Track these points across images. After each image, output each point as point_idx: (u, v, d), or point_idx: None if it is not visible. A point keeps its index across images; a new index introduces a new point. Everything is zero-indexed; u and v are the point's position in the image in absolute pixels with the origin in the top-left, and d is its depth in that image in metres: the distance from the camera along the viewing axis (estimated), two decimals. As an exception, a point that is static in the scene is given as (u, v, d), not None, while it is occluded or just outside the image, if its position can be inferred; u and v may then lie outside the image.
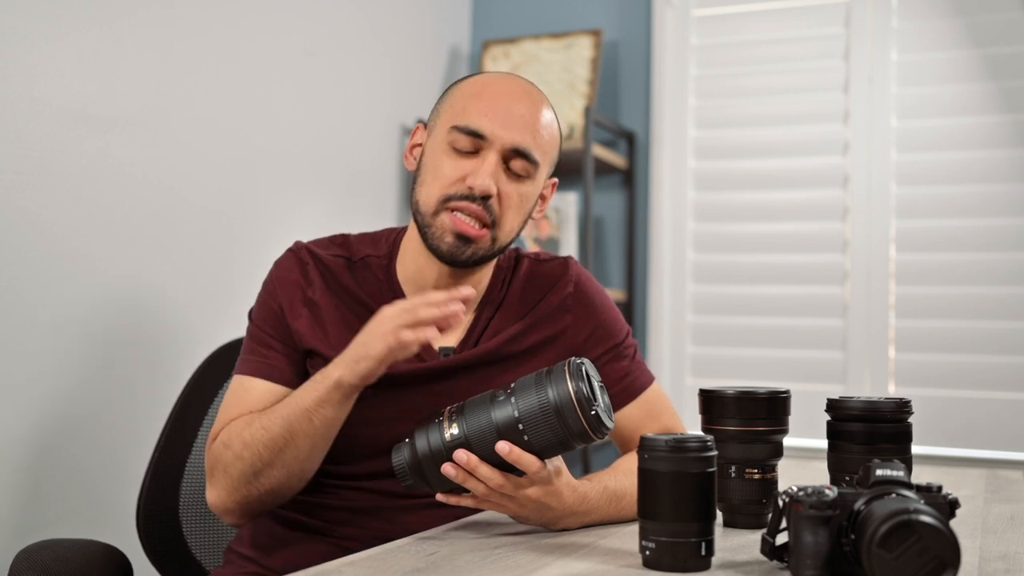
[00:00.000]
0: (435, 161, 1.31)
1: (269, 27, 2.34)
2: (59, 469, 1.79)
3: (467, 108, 1.30)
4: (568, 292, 1.41)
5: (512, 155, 1.29)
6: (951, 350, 2.62)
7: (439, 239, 1.29)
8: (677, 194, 2.94)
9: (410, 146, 1.39)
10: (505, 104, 1.29)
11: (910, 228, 2.69)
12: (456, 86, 1.36)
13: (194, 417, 1.54)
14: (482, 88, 1.32)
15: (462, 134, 1.28)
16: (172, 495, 1.49)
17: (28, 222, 1.74)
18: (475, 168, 1.28)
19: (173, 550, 1.48)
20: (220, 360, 1.58)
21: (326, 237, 1.42)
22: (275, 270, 1.38)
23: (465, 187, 1.28)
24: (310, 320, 1.32)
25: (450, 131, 1.29)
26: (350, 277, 1.36)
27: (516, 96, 1.31)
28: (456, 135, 1.29)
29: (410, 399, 1.30)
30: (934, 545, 0.81)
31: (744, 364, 2.81)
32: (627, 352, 1.42)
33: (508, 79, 1.35)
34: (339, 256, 1.38)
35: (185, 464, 1.52)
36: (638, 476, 1.00)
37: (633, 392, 1.40)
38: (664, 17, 2.97)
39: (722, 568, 1.00)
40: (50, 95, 1.78)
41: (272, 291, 1.36)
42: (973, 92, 2.65)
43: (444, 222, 1.29)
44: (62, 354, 1.80)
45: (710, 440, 0.99)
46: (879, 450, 1.09)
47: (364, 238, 1.42)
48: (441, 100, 1.37)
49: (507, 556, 1.05)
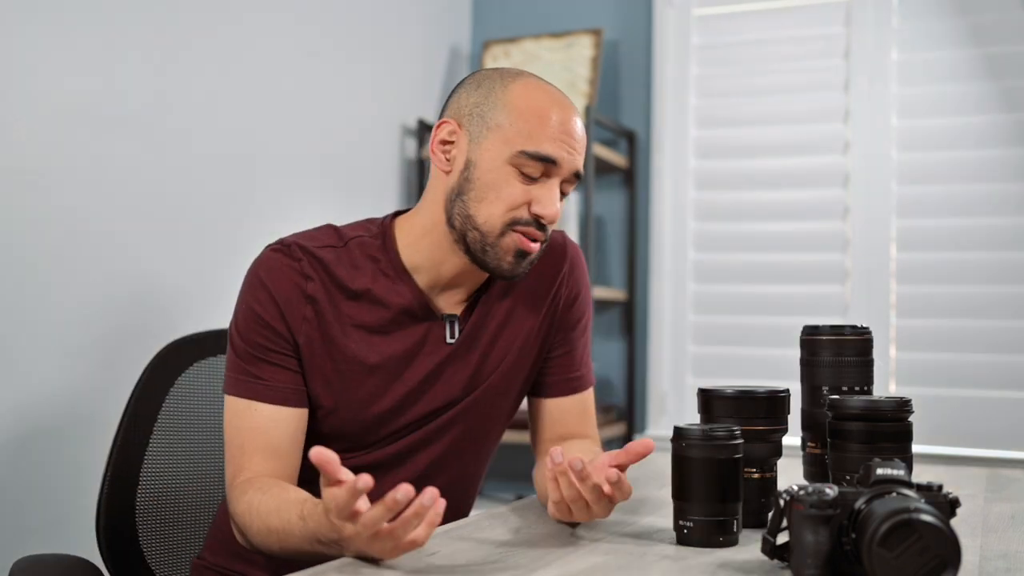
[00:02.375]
0: (499, 182, 1.26)
1: (270, 27, 2.34)
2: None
3: (535, 132, 1.25)
4: (564, 270, 1.44)
5: (572, 177, 1.29)
6: (951, 349, 2.62)
7: (500, 259, 1.27)
8: (678, 193, 2.94)
9: (440, 141, 1.31)
10: (569, 128, 1.27)
11: (910, 227, 2.69)
12: (502, 92, 1.28)
13: (145, 423, 1.46)
14: (543, 107, 1.27)
15: (533, 160, 1.25)
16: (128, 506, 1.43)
17: (28, 222, 1.74)
18: (540, 196, 1.26)
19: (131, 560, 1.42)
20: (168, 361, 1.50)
21: (311, 229, 1.35)
22: (261, 271, 1.29)
23: (530, 214, 1.26)
24: (314, 318, 1.28)
25: (518, 155, 1.25)
26: (343, 267, 1.31)
27: (572, 114, 1.29)
28: (525, 160, 1.25)
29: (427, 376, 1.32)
30: (935, 544, 0.81)
31: (744, 364, 2.81)
32: (588, 338, 1.49)
33: (554, 92, 1.31)
34: (327, 246, 1.32)
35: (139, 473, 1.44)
36: (674, 463, 1.09)
37: (580, 387, 1.46)
38: (665, 16, 2.97)
39: (723, 567, 1.00)
40: (50, 95, 1.78)
41: (262, 295, 1.27)
42: (973, 92, 2.65)
43: (508, 244, 1.27)
44: (62, 354, 1.80)
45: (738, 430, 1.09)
46: (879, 449, 1.09)
47: (353, 224, 1.38)
48: (486, 104, 1.28)
49: (507, 556, 1.05)
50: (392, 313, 1.31)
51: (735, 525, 1.09)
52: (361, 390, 1.29)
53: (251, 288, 1.29)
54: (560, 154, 1.25)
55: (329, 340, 1.29)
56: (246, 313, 1.28)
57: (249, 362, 1.27)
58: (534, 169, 1.25)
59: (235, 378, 1.28)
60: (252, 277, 1.30)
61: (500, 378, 1.37)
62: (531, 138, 1.25)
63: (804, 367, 1.30)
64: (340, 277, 1.30)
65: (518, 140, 1.25)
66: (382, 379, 1.30)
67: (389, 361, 1.30)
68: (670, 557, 1.05)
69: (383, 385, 1.30)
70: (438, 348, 1.33)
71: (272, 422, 1.26)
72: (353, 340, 1.29)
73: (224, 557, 1.35)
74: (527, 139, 1.25)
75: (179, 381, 1.50)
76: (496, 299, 1.38)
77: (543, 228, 1.28)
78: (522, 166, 1.25)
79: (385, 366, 1.30)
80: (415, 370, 1.31)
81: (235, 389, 1.27)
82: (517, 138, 1.25)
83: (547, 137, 1.25)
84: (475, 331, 1.36)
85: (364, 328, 1.30)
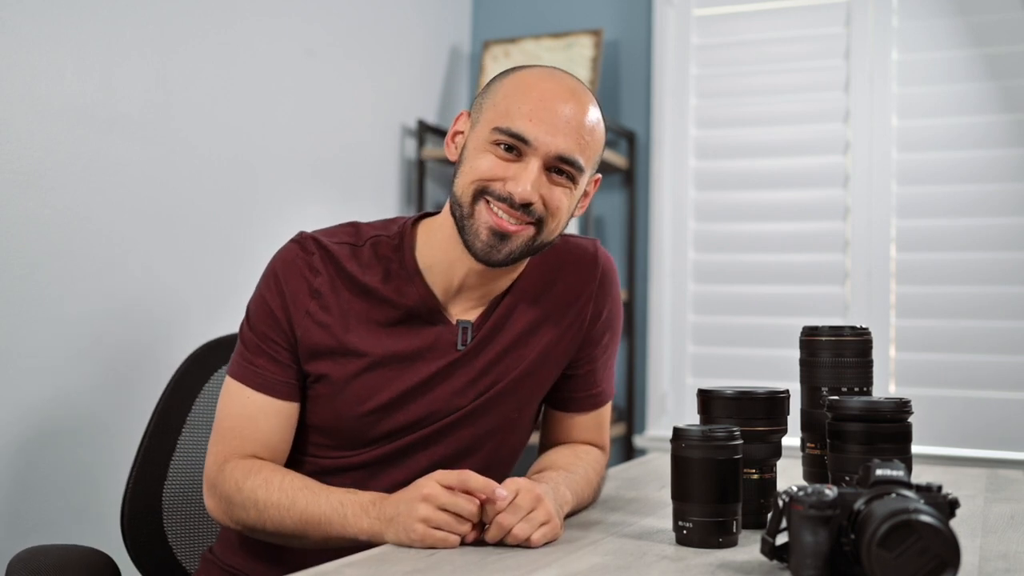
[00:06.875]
0: (475, 155, 1.25)
1: (270, 27, 2.34)
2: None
3: (511, 109, 1.23)
4: (593, 285, 1.41)
5: (556, 161, 1.23)
6: (951, 350, 2.62)
7: (474, 234, 1.24)
8: (678, 194, 2.94)
9: (452, 133, 1.32)
10: (551, 107, 1.23)
11: (910, 227, 2.69)
12: (503, 78, 1.29)
13: (177, 417, 1.49)
14: (528, 87, 1.25)
15: (505, 136, 1.22)
16: (155, 497, 1.45)
17: (28, 222, 1.74)
18: (517, 173, 1.23)
19: (157, 553, 1.44)
20: (202, 359, 1.53)
21: (335, 225, 1.37)
22: (277, 263, 1.32)
23: (505, 191, 1.23)
24: (317, 312, 1.29)
25: (493, 131, 1.23)
26: (355, 263, 1.31)
27: (562, 97, 1.24)
28: (499, 136, 1.23)
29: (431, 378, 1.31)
30: (934, 545, 0.81)
31: (744, 364, 2.81)
32: (613, 351, 1.46)
33: (555, 77, 1.27)
34: (344, 243, 1.32)
35: (168, 465, 1.47)
36: (673, 463, 1.10)
37: (599, 403, 1.45)
38: (665, 17, 2.97)
39: (722, 568, 1.00)
40: (50, 95, 1.78)
41: (274, 285, 1.30)
42: (973, 92, 2.65)
43: (480, 213, 1.24)
44: (61, 355, 1.80)
45: (737, 431, 1.10)
46: (879, 450, 1.09)
47: (377, 223, 1.37)
48: (486, 90, 1.29)
49: (507, 556, 1.05)
50: (400, 313, 1.31)
51: (734, 526, 1.09)
52: (358, 383, 1.29)
53: (266, 278, 1.33)
54: (534, 133, 1.22)
55: (331, 334, 1.29)
56: (258, 301, 1.32)
57: (252, 349, 1.30)
58: (509, 146, 1.23)
59: (237, 361, 1.31)
60: (269, 268, 1.34)
61: (512, 385, 1.35)
62: (507, 115, 1.23)
63: (804, 368, 1.30)
64: (350, 272, 1.31)
65: (496, 118, 1.24)
66: (382, 376, 1.30)
67: (391, 359, 1.30)
68: (670, 557, 1.05)
69: (382, 382, 1.30)
70: (447, 353, 1.32)
71: (262, 412, 1.28)
72: (356, 335, 1.29)
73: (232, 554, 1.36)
74: (503, 116, 1.24)
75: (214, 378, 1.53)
76: (516, 308, 1.36)
77: (525, 211, 1.23)
78: (498, 143, 1.23)
79: (386, 363, 1.30)
80: (418, 370, 1.31)
81: (234, 372, 1.31)
82: (496, 116, 1.24)
83: (522, 115, 1.22)
84: (489, 338, 1.33)
85: (369, 324, 1.30)
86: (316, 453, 1.33)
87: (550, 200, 1.24)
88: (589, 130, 1.25)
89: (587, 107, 1.26)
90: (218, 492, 1.26)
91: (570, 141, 1.23)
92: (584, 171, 1.27)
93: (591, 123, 1.26)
